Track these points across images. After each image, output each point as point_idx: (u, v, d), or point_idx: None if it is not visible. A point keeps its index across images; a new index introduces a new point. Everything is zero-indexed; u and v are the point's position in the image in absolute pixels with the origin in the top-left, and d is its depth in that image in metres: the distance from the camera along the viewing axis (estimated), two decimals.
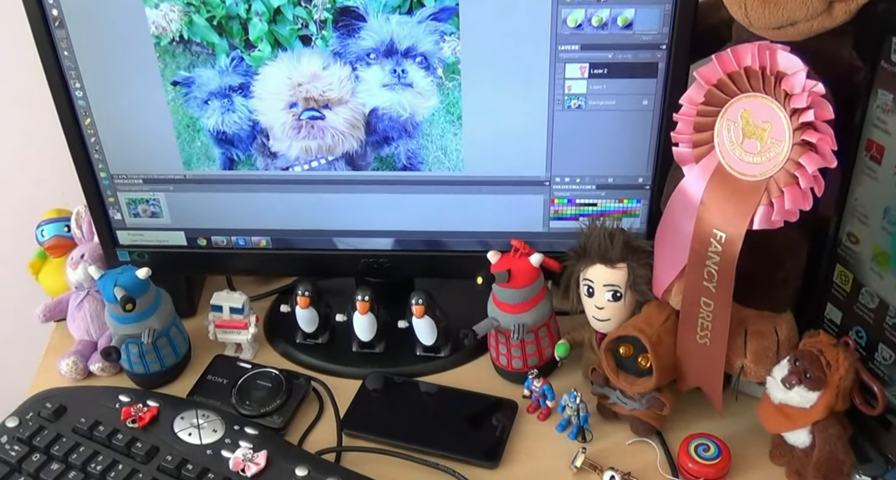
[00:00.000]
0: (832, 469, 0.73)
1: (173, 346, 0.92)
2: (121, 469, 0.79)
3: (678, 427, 0.84)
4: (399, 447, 0.83)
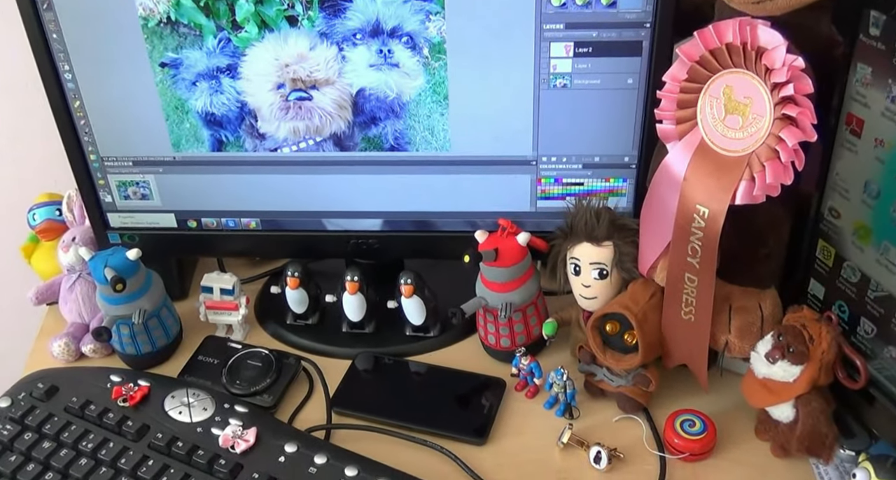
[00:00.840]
0: (815, 443, 0.74)
1: (164, 327, 0.93)
2: (111, 446, 0.80)
3: (664, 403, 0.84)
4: (388, 424, 0.84)
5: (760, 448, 0.81)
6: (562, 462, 0.81)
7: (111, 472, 0.78)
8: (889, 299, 0.69)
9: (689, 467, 0.79)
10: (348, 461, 0.77)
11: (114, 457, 0.78)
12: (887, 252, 0.68)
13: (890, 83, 0.64)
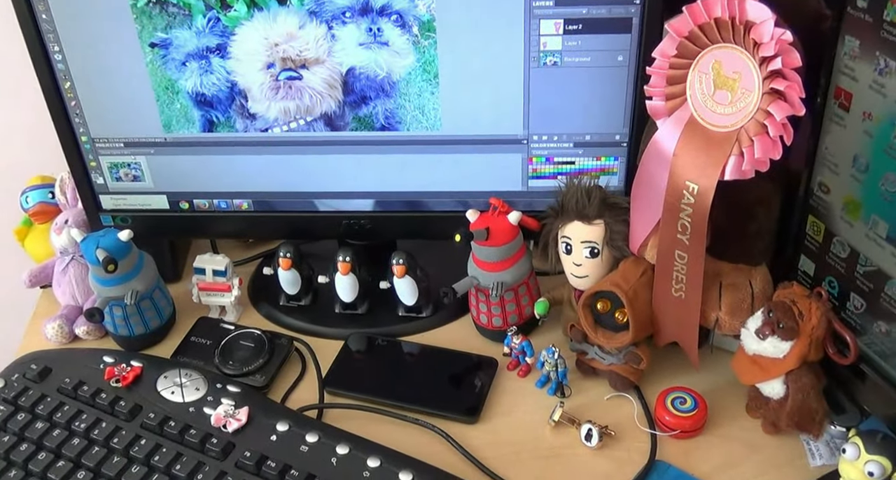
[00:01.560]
0: (804, 418, 0.74)
1: (157, 309, 0.93)
2: (104, 426, 0.80)
3: (656, 382, 0.84)
4: (380, 404, 0.84)
5: (751, 425, 0.81)
6: (553, 440, 0.81)
7: (104, 452, 0.78)
8: (878, 273, 0.69)
9: (681, 444, 0.79)
10: (340, 439, 0.77)
11: (106, 437, 0.79)
12: (876, 226, 0.67)
13: (878, 55, 0.63)
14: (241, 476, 0.75)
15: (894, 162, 0.64)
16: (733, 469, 0.77)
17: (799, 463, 0.77)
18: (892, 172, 0.65)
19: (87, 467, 0.77)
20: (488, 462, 0.78)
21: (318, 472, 0.74)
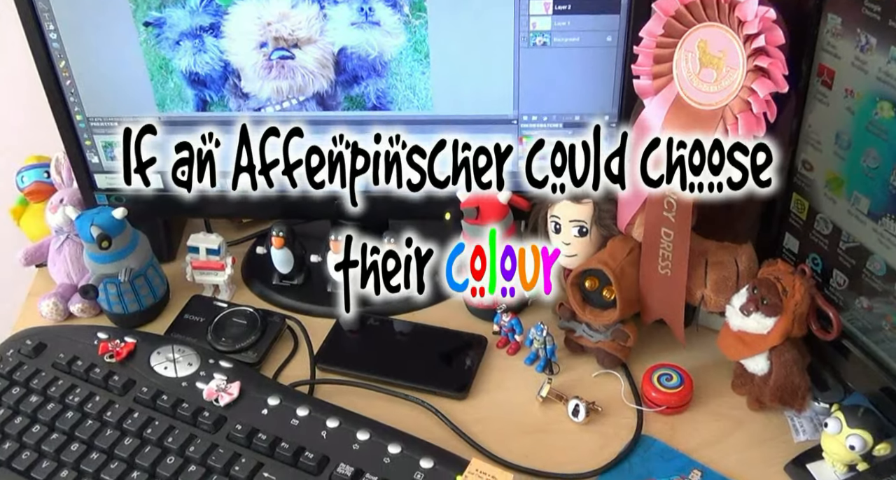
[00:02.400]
0: (788, 392, 0.75)
1: (151, 287, 0.94)
2: (98, 400, 0.81)
3: (643, 360, 0.86)
4: (371, 380, 0.86)
5: (737, 401, 0.82)
6: (541, 416, 0.82)
7: (97, 425, 0.79)
8: (859, 249, 0.70)
9: (667, 420, 0.81)
10: (330, 413, 0.78)
11: (100, 410, 0.80)
12: (858, 202, 0.69)
13: (859, 32, 0.64)
14: (232, 449, 0.76)
15: (876, 138, 0.65)
16: (718, 443, 0.78)
17: (783, 439, 0.78)
18: (874, 148, 0.66)
19: (81, 439, 0.78)
20: (477, 437, 0.79)
21: (307, 445, 0.75)
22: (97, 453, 0.77)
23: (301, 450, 0.75)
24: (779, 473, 0.75)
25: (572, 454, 0.78)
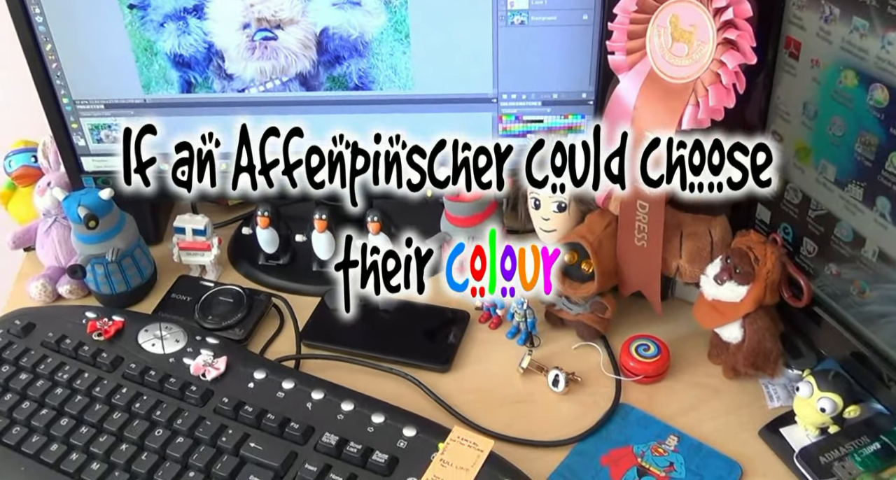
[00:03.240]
0: (760, 358, 0.77)
1: (138, 267, 0.95)
2: (86, 377, 0.82)
3: (621, 332, 0.87)
4: (356, 354, 0.87)
5: (713, 370, 0.84)
6: (521, 387, 0.84)
7: (86, 400, 0.80)
8: (827, 217, 0.72)
9: (644, 389, 0.82)
10: (315, 385, 0.80)
11: (88, 387, 0.81)
12: (825, 170, 0.71)
13: (823, 4, 0.66)
14: (219, 421, 0.77)
15: (840, 106, 0.67)
16: (694, 411, 0.80)
17: (758, 405, 0.80)
18: (839, 116, 0.68)
19: (70, 414, 0.79)
20: (459, 408, 0.81)
21: (293, 416, 0.77)
22: (86, 427, 0.78)
23: (287, 421, 0.76)
24: (753, 438, 0.77)
25: (552, 422, 0.79)
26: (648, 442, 0.77)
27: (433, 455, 0.73)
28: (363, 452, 0.73)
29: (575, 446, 0.77)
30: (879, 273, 0.68)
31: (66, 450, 0.76)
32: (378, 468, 0.72)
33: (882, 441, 0.73)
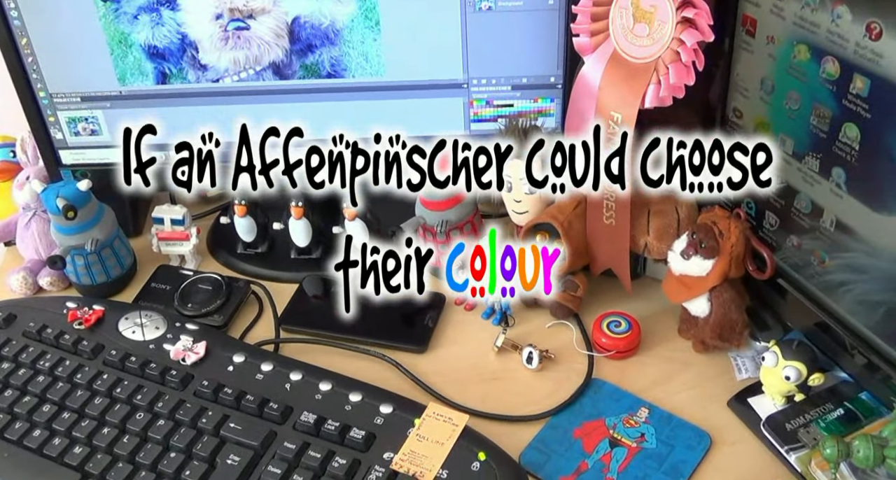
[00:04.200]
0: (726, 329, 0.79)
1: (118, 257, 0.96)
2: (68, 364, 0.83)
3: (593, 310, 0.89)
4: (333, 338, 0.89)
5: (683, 345, 0.86)
6: (496, 365, 0.85)
7: (67, 386, 0.81)
8: (788, 190, 0.74)
9: (616, 364, 0.84)
10: (293, 367, 0.81)
11: (70, 374, 0.82)
12: (784, 144, 0.73)
13: None
14: (199, 404, 0.79)
15: (796, 81, 0.69)
16: (665, 384, 0.82)
17: (726, 377, 0.82)
18: (794, 90, 0.70)
19: (52, 401, 0.80)
20: (436, 387, 0.83)
21: (272, 397, 0.78)
22: (68, 413, 0.79)
23: (266, 402, 0.78)
24: (722, 408, 0.79)
25: (526, 398, 0.81)
26: (620, 415, 0.79)
27: (409, 430, 0.74)
28: (341, 429, 0.75)
29: (549, 420, 0.79)
30: (837, 242, 0.70)
31: (48, 436, 0.77)
32: (355, 444, 0.74)
33: (846, 408, 0.75)
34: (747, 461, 0.74)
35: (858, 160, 0.65)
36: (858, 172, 0.66)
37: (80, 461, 0.75)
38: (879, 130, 0.63)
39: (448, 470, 0.71)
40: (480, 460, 0.71)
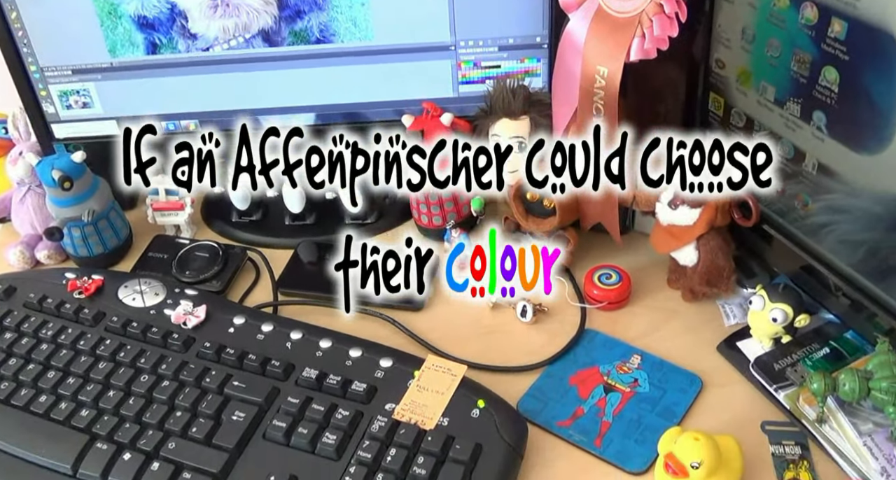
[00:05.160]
0: (714, 275, 0.82)
1: (114, 229, 0.97)
2: (70, 332, 0.85)
3: (585, 264, 0.91)
4: (332, 299, 0.90)
5: (673, 294, 0.88)
6: (491, 320, 0.87)
7: (71, 353, 0.83)
8: (770, 136, 0.76)
9: (608, 315, 0.86)
10: (294, 327, 0.83)
11: (73, 341, 0.84)
12: (765, 91, 0.75)
13: None
14: (203, 364, 0.80)
15: (775, 28, 0.71)
16: (656, 332, 0.84)
17: (716, 324, 0.84)
18: (775, 38, 0.72)
19: (56, 367, 0.82)
20: (434, 343, 0.84)
21: (273, 355, 0.80)
22: (73, 378, 0.81)
23: (267, 360, 0.79)
24: (712, 353, 0.81)
25: (522, 350, 0.83)
26: (613, 362, 0.81)
27: (409, 382, 0.76)
28: (342, 383, 0.76)
29: (544, 369, 0.81)
30: (819, 184, 0.72)
31: (54, 400, 0.79)
32: (357, 396, 0.75)
33: (831, 346, 0.77)
34: (738, 401, 0.77)
35: (838, 102, 0.67)
36: (838, 114, 0.68)
37: (87, 423, 0.76)
38: (857, 72, 0.65)
39: (448, 418, 0.73)
40: (480, 407, 0.73)
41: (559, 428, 0.75)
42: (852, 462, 0.68)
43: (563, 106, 0.84)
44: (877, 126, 0.65)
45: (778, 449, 0.72)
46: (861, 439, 0.68)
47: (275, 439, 0.73)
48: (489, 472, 0.69)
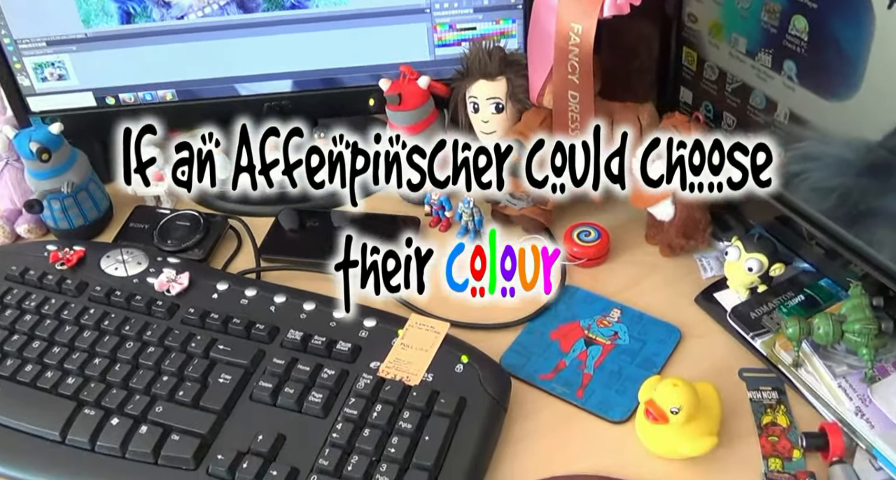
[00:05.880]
0: (690, 227, 0.83)
1: (94, 200, 0.97)
2: (53, 302, 0.85)
3: (564, 223, 0.92)
4: (314, 264, 0.91)
5: (651, 250, 0.89)
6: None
7: (55, 323, 0.83)
8: (742, 88, 0.77)
9: (588, 271, 0.88)
10: (277, 291, 0.84)
11: (56, 311, 0.84)
12: (737, 43, 0.76)
13: None
14: (187, 330, 0.81)
15: None
16: (635, 286, 0.85)
17: (693, 277, 0.86)
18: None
19: (41, 337, 0.82)
20: (416, 303, 0.85)
21: (258, 319, 0.80)
22: (58, 347, 0.81)
23: (252, 324, 0.80)
24: (690, 305, 0.83)
25: (503, 309, 0.83)
26: (594, 316, 0.82)
27: (394, 340, 0.77)
28: (327, 344, 0.77)
29: (526, 325, 0.82)
30: (791, 133, 0.73)
31: (40, 370, 0.79)
32: (342, 356, 0.76)
33: (806, 294, 0.79)
34: (716, 350, 0.78)
35: (808, 51, 0.68)
36: (808, 63, 0.69)
37: (73, 390, 0.77)
38: (825, 19, 0.66)
39: (433, 374, 0.74)
40: (463, 362, 0.75)
41: (542, 381, 0.76)
42: (828, 403, 0.70)
43: (539, 65, 0.85)
44: (846, 73, 0.66)
45: (756, 395, 0.73)
46: (836, 381, 0.70)
47: (262, 399, 0.74)
48: (474, 424, 0.71)
